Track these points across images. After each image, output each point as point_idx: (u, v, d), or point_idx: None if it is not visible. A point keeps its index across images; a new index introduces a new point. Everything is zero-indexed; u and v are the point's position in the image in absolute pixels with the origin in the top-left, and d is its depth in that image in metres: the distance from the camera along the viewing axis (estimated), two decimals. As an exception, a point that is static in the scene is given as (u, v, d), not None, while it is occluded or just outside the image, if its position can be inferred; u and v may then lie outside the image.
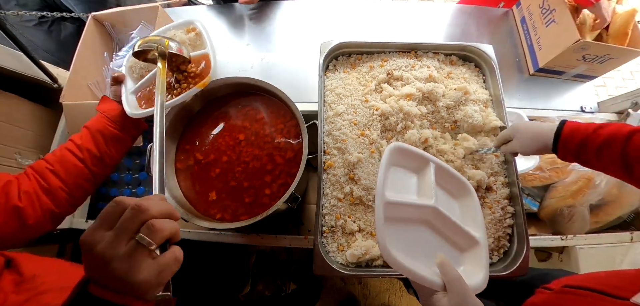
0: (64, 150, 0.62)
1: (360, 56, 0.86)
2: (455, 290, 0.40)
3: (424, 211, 0.51)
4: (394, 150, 0.53)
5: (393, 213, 0.48)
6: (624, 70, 1.84)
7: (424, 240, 0.51)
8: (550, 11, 0.94)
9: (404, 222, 0.50)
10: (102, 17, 0.96)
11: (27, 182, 0.58)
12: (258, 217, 0.67)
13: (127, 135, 0.70)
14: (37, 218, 0.56)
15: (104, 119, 0.66)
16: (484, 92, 0.79)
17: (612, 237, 0.84)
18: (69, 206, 0.62)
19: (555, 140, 0.59)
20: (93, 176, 0.65)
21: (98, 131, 0.65)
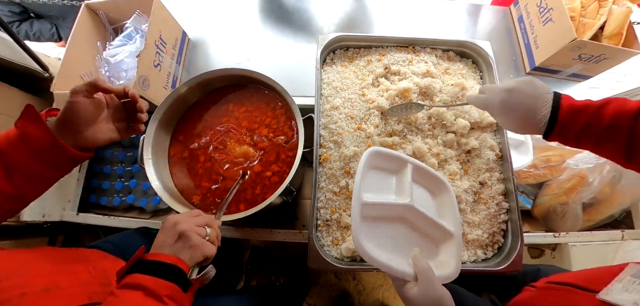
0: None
1: (357, 50, 0.85)
2: (424, 279, 0.45)
3: (401, 209, 0.55)
4: (372, 154, 0.57)
5: (371, 212, 0.53)
6: (617, 73, 1.87)
7: (401, 235, 0.55)
8: (547, 10, 0.95)
9: (381, 220, 0.54)
10: (96, 5, 0.94)
11: None
12: (252, 209, 0.66)
13: (58, 173, 0.51)
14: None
15: (25, 150, 0.45)
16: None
17: (603, 235, 0.85)
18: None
19: (551, 123, 0.49)
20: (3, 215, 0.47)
21: (18, 170, 0.45)
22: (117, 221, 0.89)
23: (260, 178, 0.73)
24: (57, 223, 0.91)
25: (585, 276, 0.48)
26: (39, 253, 0.45)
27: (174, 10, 1.00)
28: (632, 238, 0.85)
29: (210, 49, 1.10)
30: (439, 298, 0.44)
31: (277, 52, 1.08)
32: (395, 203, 0.55)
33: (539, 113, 0.50)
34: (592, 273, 0.48)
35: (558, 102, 0.50)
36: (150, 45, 0.87)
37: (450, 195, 0.60)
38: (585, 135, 0.49)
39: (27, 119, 0.45)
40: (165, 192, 0.69)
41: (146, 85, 0.85)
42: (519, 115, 0.52)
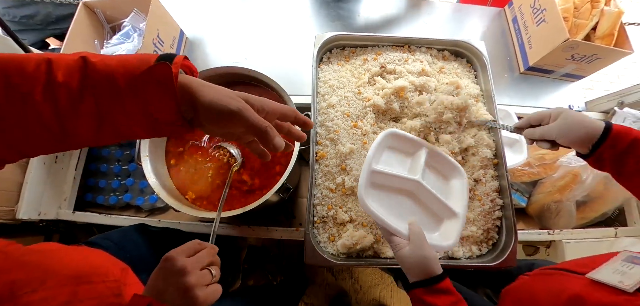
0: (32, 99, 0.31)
1: (354, 49, 0.86)
2: (415, 240, 0.51)
3: (409, 183, 0.61)
4: (389, 135, 0.64)
5: (379, 180, 0.60)
6: (610, 74, 1.90)
7: (406, 205, 0.62)
8: (541, 11, 0.96)
9: (389, 189, 0.61)
10: (94, 3, 0.95)
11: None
12: (249, 206, 0.67)
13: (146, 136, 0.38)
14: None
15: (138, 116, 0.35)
16: (475, 87, 0.80)
17: (597, 232, 0.86)
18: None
19: (604, 133, 0.50)
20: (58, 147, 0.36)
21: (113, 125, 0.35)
22: (113, 219, 0.89)
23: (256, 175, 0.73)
24: (53, 221, 0.91)
25: (577, 262, 0.50)
26: (58, 258, 0.42)
27: (171, 8, 1.01)
28: (625, 236, 0.86)
29: (207, 47, 1.10)
30: (426, 257, 0.49)
31: (274, 51, 1.09)
32: (404, 176, 0.61)
33: (595, 123, 0.52)
34: (584, 260, 0.50)
35: (610, 123, 0.52)
36: (148, 43, 0.87)
37: (463, 180, 0.65)
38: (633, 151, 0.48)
39: (156, 80, 0.33)
40: (163, 189, 0.69)
41: (143, 83, 0.85)
42: (579, 118, 0.53)
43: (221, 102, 0.35)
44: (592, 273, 0.43)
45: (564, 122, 0.53)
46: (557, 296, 0.43)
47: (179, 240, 0.78)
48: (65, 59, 0.32)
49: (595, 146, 0.51)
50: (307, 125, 0.45)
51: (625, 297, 0.37)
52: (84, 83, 0.32)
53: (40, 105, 0.31)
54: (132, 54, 0.35)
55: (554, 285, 0.48)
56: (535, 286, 0.51)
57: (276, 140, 0.38)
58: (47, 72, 0.31)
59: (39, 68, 0.31)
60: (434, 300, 0.47)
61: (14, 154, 0.35)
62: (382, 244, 0.67)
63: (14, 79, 0.31)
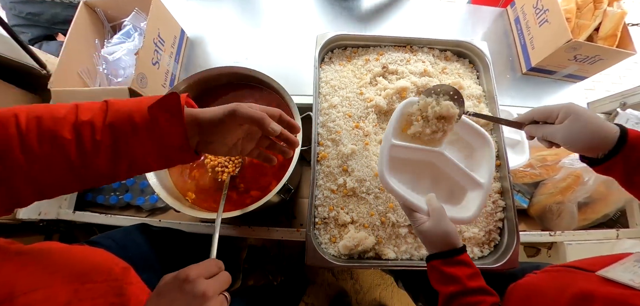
0: (55, 151, 0.36)
1: (356, 49, 0.86)
2: (435, 216, 0.52)
3: (431, 155, 0.60)
4: (408, 103, 0.60)
5: (399, 153, 0.59)
6: (612, 74, 1.90)
7: (426, 179, 0.61)
8: (543, 11, 0.96)
9: (409, 163, 0.61)
10: (94, 3, 0.94)
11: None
12: (250, 206, 0.66)
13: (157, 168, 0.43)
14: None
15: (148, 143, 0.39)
16: (477, 87, 0.80)
17: (599, 234, 0.86)
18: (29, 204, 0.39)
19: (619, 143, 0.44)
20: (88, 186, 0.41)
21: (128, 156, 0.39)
22: (113, 219, 0.89)
23: (257, 176, 0.73)
24: (53, 221, 0.91)
25: (588, 261, 0.49)
26: (59, 257, 0.42)
27: (172, 8, 1.00)
28: (627, 237, 0.86)
29: (208, 47, 1.10)
30: (446, 232, 0.50)
31: (276, 51, 1.08)
32: (426, 148, 0.59)
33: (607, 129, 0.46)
34: (595, 259, 0.49)
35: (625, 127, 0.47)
36: (149, 43, 0.87)
37: (490, 150, 0.62)
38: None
39: (166, 109, 0.38)
40: (163, 189, 0.69)
41: (144, 83, 0.85)
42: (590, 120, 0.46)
43: (219, 110, 0.42)
44: (602, 271, 0.42)
45: (573, 125, 0.46)
46: (564, 290, 0.42)
47: (180, 240, 0.79)
48: (90, 103, 0.38)
49: (606, 156, 0.46)
50: (293, 129, 0.49)
51: (634, 292, 0.36)
52: (106, 121, 0.37)
53: (67, 143, 0.36)
54: (146, 96, 0.40)
55: (562, 280, 0.48)
56: (543, 282, 0.50)
57: (272, 125, 0.44)
58: (75, 113, 0.37)
59: (68, 111, 0.37)
60: (452, 270, 0.48)
61: (35, 196, 0.38)
62: (383, 245, 0.67)
63: (46, 122, 0.36)
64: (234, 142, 0.47)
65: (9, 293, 0.33)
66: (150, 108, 0.38)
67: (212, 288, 0.38)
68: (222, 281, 0.40)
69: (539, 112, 0.52)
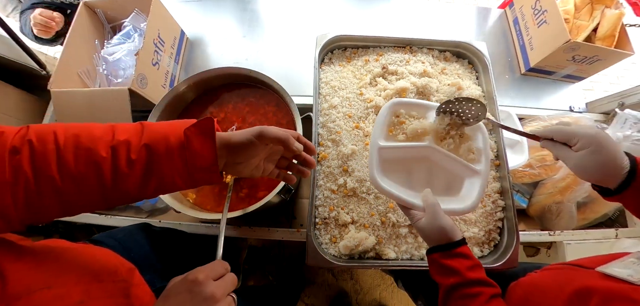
0: (90, 170, 0.37)
1: (355, 50, 0.86)
2: (430, 212, 0.51)
3: (422, 150, 0.59)
4: (393, 105, 0.61)
5: (389, 154, 0.58)
6: (610, 75, 1.90)
7: (421, 174, 0.60)
8: (542, 12, 0.96)
9: (401, 161, 0.60)
10: (94, 3, 0.94)
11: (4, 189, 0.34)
12: (251, 207, 0.66)
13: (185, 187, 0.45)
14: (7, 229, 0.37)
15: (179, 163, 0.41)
16: (476, 88, 0.80)
17: (598, 233, 0.86)
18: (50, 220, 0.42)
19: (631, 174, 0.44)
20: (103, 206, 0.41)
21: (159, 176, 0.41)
22: (113, 220, 0.89)
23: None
24: (53, 221, 0.90)
25: (589, 259, 0.49)
26: (71, 256, 0.42)
27: (172, 9, 1.01)
28: (626, 237, 0.86)
29: (208, 48, 1.10)
30: (442, 227, 0.50)
31: (275, 51, 1.09)
32: (414, 145, 0.59)
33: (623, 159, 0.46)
34: (596, 258, 0.49)
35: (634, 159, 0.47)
36: (149, 43, 0.87)
37: (483, 135, 0.60)
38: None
39: (200, 132, 0.41)
40: (163, 189, 0.69)
41: (144, 84, 0.85)
42: (607, 156, 0.46)
43: (247, 132, 0.45)
44: (602, 267, 0.43)
45: (588, 158, 0.46)
46: (565, 286, 0.43)
47: (181, 241, 0.78)
48: (127, 125, 0.40)
49: (617, 189, 0.46)
50: (310, 150, 0.51)
51: (632, 287, 0.37)
52: (142, 141, 0.39)
53: (103, 161, 0.37)
54: (179, 120, 0.43)
55: (562, 277, 0.48)
56: (544, 280, 0.51)
57: (296, 144, 0.47)
58: (112, 133, 0.39)
59: (105, 131, 0.39)
60: (452, 263, 0.48)
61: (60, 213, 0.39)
62: (383, 245, 0.67)
63: (83, 140, 0.37)
64: (257, 163, 0.49)
65: (25, 289, 0.34)
66: (186, 130, 0.41)
67: (220, 289, 0.38)
68: (230, 282, 0.41)
69: (559, 134, 0.50)
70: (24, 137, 0.36)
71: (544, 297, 0.47)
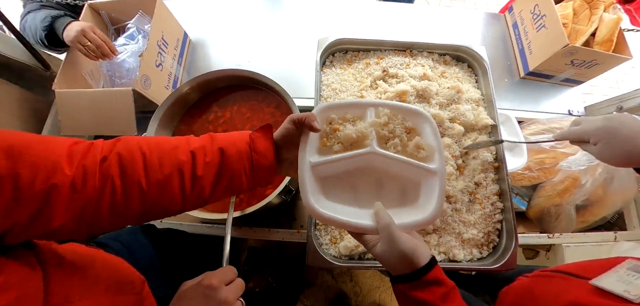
0: (174, 171, 0.39)
1: (356, 53, 0.87)
2: (385, 236, 0.42)
3: (363, 159, 0.48)
4: (321, 110, 0.51)
5: (326, 171, 0.48)
6: (610, 79, 1.92)
7: (368, 188, 0.50)
8: (540, 17, 0.97)
9: (341, 178, 0.49)
10: (99, 5, 0.96)
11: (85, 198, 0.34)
12: (251, 207, 0.67)
13: (249, 188, 0.47)
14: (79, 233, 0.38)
15: (246, 164, 0.44)
16: (476, 91, 0.81)
17: (597, 236, 0.87)
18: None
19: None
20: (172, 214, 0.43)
21: (228, 176, 0.43)
22: (115, 219, 0.89)
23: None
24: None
25: (580, 266, 0.48)
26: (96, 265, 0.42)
27: (175, 11, 1.02)
28: (625, 240, 0.87)
29: (210, 50, 1.11)
30: (402, 253, 0.41)
31: (277, 54, 1.10)
32: (352, 155, 0.48)
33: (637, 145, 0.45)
34: (587, 264, 0.48)
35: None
36: (153, 45, 0.88)
37: (431, 125, 0.51)
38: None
39: (262, 134, 0.46)
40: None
41: (148, 85, 0.86)
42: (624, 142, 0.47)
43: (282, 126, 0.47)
44: (596, 280, 0.40)
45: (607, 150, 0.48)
46: (556, 299, 0.42)
47: (182, 241, 0.79)
48: (195, 137, 0.44)
49: None
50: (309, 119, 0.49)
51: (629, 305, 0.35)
52: (214, 146, 0.43)
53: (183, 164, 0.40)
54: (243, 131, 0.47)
55: (553, 287, 0.47)
56: (535, 288, 0.49)
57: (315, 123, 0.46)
58: (187, 141, 0.42)
59: (180, 141, 0.42)
60: (422, 295, 0.40)
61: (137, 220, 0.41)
62: (383, 246, 0.67)
63: (165, 147, 0.40)
64: (295, 154, 0.47)
65: (64, 300, 0.34)
66: (252, 134, 0.46)
67: (232, 295, 0.41)
68: (240, 287, 0.43)
69: (571, 136, 0.54)
70: (113, 146, 0.38)
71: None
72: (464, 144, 0.75)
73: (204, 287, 0.40)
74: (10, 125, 0.92)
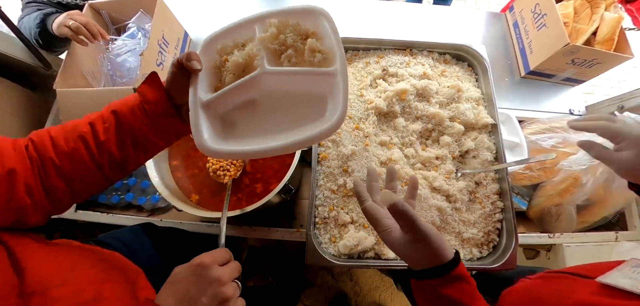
0: (78, 143, 0.44)
1: (356, 52, 0.87)
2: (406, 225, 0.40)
3: (255, 83, 0.44)
4: (206, 44, 0.48)
5: (223, 107, 0.45)
6: (611, 78, 1.91)
7: (274, 109, 0.46)
8: (541, 16, 0.97)
9: (243, 107, 0.46)
10: (99, 5, 0.96)
11: (30, 173, 0.41)
12: (251, 206, 0.67)
13: (164, 142, 0.50)
14: (37, 219, 0.43)
15: (142, 116, 0.46)
16: (476, 90, 0.81)
17: (597, 236, 0.86)
18: (66, 208, 0.48)
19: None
20: (107, 182, 0.48)
21: (130, 132, 0.46)
22: (115, 218, 0.89)
23: (258, 177, 0.74)
24: (55, 220, 0.91)
25: (585, 267, 0.47)
26: (80, 254, 0.44)
27: (175, 10, 1.02)
28: (626, 240, 0.86)
29: (211, 49, 1.11)
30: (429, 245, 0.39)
31: (277, 54, 1.10)
32: (242, 82, 0.43)
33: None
34: (592, 265, 0.47)
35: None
36: (153, 44, 0.88)
37: (329, 22, 0.47)
38: None
39: (149, 84, 0.47)
40: (165, 188, 0.70)
41: (147, 84, 0.86)
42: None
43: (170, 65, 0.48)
44: (602, 277, 0.40)
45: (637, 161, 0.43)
46: (564, 299, 0.41)
47: (184, 241, 0.79)
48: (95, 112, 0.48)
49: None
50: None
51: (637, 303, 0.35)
52: (109, 110, 0.46)
53: (85, 134, 0.45)
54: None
55: (560, 287, 0.45)
56: (540, 289, 0.49)
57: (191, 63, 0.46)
58: (87, 117, 0.47)
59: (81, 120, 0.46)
60: (453, 293, 0.38)
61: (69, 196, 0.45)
62: (382, 245, 0.67)
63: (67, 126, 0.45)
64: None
65: (41, 286, 0.35)
66: (138, 88, 0.47)
67: (226, 273, 0.40)
68: (235, 268, 0.43)
69: (605, 130, 0.46)
70: (28, 137, 0.44)
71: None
72: (464, 144, 0.75)
73: (194, 266, 0.39)
74: (10, 125, 0.92)
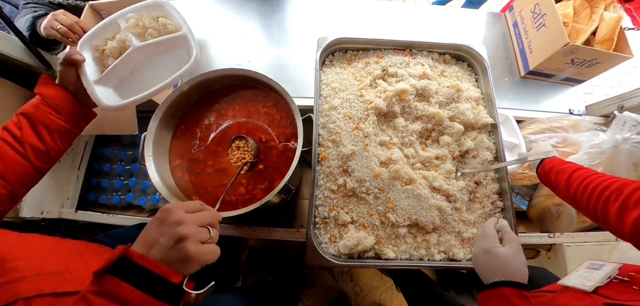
0: (0, 142, 0.52)
1: (356, 52, 0.87)
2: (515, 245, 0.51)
3: (132, 57, 0.63)
4: (83, 44, 0.62)
5: (111, 83, 0.63)
6: (611, 78, 1.91)
7: (153, 71, 0.65)
8: (541, 16, 0.97)
9: (129, 79, 0.65)
10: (99, 5, 0.96)
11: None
12: (251, 206, 0.67)
13: (76, 128, 0.59)
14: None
15: (47, 109, 0.54)
16: (475, 90, 0.81)
17: (598, 236, 0.86)
18: (8, 203, 0.52)
19: None
20: (37, 171, 0.56)
21: (42, 123, 0.54)
22: (115, 219, 0.90)
23: (259, 177, 0.74)
24: (55, 220, 0.91)
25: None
26: (57, 241, 0.48)
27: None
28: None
29: (211, 50, 1.12)
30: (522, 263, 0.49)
31: (277, 54, 1.10)
32: (121, 58, 0.62)
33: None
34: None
35: None
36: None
37: (167, 7, 0.65)
38: None
39: (44, 83, 0.56)
40: (165, 188, 0.70)
41: (147, 84, 0.86)
42: None
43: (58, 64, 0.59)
44: (562, 280, 0.51)
45: None
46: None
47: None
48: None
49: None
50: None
51: (591, 300, 0.41)
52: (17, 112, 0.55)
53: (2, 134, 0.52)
54: None
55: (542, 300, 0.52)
56: None
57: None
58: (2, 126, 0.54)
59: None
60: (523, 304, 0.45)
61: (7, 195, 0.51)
62: (382, 245, 0.67)
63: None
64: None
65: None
66: (35, 89, 0.55)
67: (188, 217, 0.39)
68: (202, 216, 0.41)
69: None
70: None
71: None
72: (464, 144, 0.75)
73: (159, 212, 0.39)
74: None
